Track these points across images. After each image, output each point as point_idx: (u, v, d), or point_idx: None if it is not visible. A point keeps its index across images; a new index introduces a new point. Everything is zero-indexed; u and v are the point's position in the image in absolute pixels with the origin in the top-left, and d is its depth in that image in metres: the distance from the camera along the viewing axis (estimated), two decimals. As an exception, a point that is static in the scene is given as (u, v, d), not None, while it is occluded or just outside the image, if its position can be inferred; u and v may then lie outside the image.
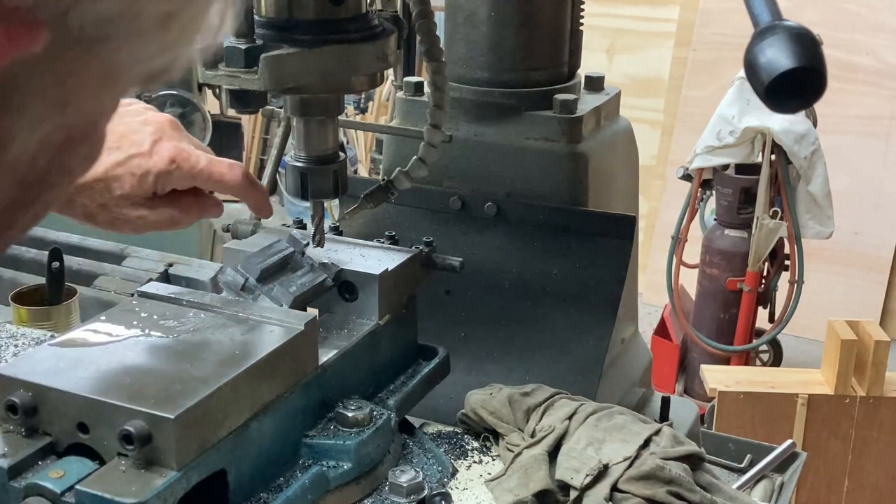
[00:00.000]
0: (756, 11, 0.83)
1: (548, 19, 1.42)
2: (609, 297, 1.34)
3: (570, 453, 1.12)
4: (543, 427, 1.18)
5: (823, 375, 2.38)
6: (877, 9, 4.10)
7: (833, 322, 2.36)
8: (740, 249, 3.22)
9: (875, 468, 2.37)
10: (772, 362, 3.53)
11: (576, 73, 1.49)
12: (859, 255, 4.04)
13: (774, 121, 3.04)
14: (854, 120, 4.05)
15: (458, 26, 1.42)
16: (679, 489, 1.06)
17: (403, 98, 1.46)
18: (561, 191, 1.38)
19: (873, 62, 4.09)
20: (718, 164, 3.20)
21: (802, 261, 3.22)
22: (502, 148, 1.39)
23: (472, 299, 1.40)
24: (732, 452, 1.28)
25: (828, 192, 3.16)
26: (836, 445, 2.34)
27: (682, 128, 4.32)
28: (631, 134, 1.56)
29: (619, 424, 1.15)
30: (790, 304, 3.28)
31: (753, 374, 2.63)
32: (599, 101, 1.46)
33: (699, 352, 3.35)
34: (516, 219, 1.39)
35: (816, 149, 3.10)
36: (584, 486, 1.08)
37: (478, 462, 1.20)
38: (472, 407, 1.24)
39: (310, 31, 1.02)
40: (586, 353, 1.34)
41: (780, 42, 0.79)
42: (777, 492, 1.23)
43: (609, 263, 1.34)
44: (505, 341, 1.38)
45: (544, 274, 1.37)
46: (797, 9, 3.91)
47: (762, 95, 0.80)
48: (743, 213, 3.22)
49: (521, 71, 1.41)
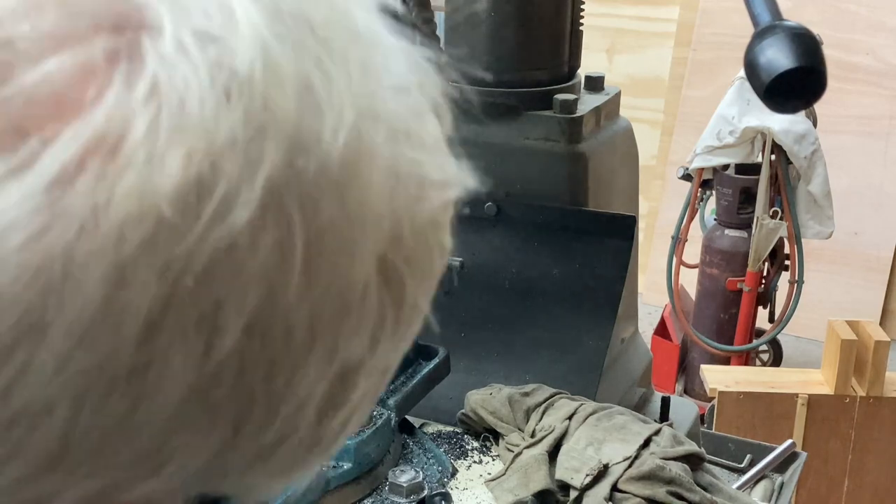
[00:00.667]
0: (756, 11, 0.83)
1: (548, 19, 1.42)
2: (609, 297, 1.34)
3: (570, 453, 1.12)
4: (543, 427, 1.17)
5: (823, 375, 2.38)
6: (877, 8, 4.10)
7: (833, 322, 2.36)
8: (740, 249, 3.22)
9: (875, 468, 2.37)
10: (772, 362, 3.53)
11: (576, 72, 1.49)
12: (859, 256, 4.04)
13: (774, 121, 3.03)
14: (854, 120, 4.05)
15: (458, 26, 1.42)
16: (679, 489, 1.06)
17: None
18: (561, 191, 1.38)
19: (873, 62, 4.08)
20: (718, 164, 3.19)
21: (802, 261, 3.22)
22: (502, 148, 1.39)
23: (472, 299, 1.40)
24: (732, 452, 1.28)
25: (828, 192, 3.16)
26: (836, 445, 2.34)
27: (682, 128, 4.32)
28: (631, 134, 1.56)
29: (619, 424, 1.15)
30: (790, 304, 3.28)
31: (753, 374, 2.62)
32: (599, 101, 1.46)
33: (699, 352, 3.34)
34: (516, 219, 1.38)
35: (816, 149, 3.09)
36: (584, 486, 1.07)
37: (478, 462, 1.20)
38: (472, 407, 1.24)
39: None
40: (586, 353, 1.34)
41: (781, 42, 0.79)
42: (777, 492, 1.23)
43: (609, 263, 1.34)
44: (505, 341, 1.38)
45: (544, 274, 1.37)
46: (796, 8, 3.91)
47: (762, 95, 0.80)
48: (743, 213, 3.22)
49: (521, 71, 1.41)
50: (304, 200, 0.31)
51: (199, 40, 0.30)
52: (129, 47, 0.29)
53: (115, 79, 0.29)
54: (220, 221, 0.29)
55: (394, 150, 0.33)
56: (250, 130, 0.30)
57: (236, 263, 0.30)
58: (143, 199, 0.28)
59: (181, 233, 0.29)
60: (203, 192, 0.29)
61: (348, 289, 0.33)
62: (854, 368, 2.30)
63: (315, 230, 0.31)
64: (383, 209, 0.33)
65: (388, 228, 0.33)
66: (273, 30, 0.31)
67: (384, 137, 0.33)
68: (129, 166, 0.28)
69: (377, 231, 0.33)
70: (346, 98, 0.32)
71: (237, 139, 0.29)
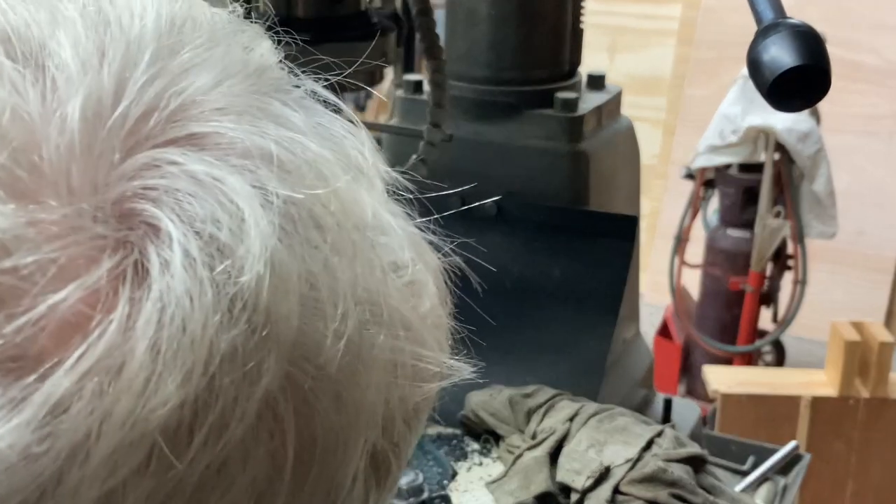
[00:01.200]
0: (759, 9, 0.82)
1: (548, 17, 1.41)
2: (610, 298, 1.33)
3: (571, 455, 1.11)
4: (544, 429, 1.17)
5: (827, 376, 2.37)
6: (880, 7, 4.09)
7: (837, 323, 2.34)
8: (743, 249, 3.21)
9: (879, 470, 2.36)
10: (775, 363, 3.51)
11: (577, 71, 1.48)
12: (863, 256, 4.03)
13: (778, 120, 3.02)
14: (857, 119, 4.04)
15: (458, 24, 1.41)
16: (681, 491, 1.05)
17: (403, 97, 1.45)
18: (562, 190, 1.37)
19: (877, 60, 4.07)
20: (721, 164, 3.18)
21: (806, 261, 3.21)
22: (502, 147, 1.38)
23: (472, 300, 1.39)
24: (735, 454, 1.27)
25: (831, 192, 3.15)
26: (840, 447, 2.33)
27: (685, 127, 4.31)
28: (632, 133, 1.55)
29: (620, 426, 1.15)
30: (793, 305, 3.26)
31: (756, 374, 2.61)
32: (601, 99, 1.45)
33: (702, 352, 3.33)
34: (516, 218, 1.38)
35: (820, 148, 3.08)
36: (585, 489, 1.07)
37: (478, 464, 1.19)
38: (473, 408, 1.23)
39: (308, 29, 1.01)
40: (588, 354, 1.33)
41: (784, 40, 0.78)
42: (780, 494, 1.21)
43: (610, 264, 1.33)
44: (506, 342, 1.37)
45: (545, 274, 1.36)
46: (800, 6, 3.90)
47: (765, 94, 0.79)
48: (746, 213, 3.21)
49: (521, 69, 1.40)
50: (300, 408, 0.30)
51: (207, 251, 0.29)
52: (135, 263, 0.28)
53: (120, 302, 0.28)
54: (215, 442, 0.28)
55: (394, 346, 0.33)
56: (251, 344, 0.29)
57: (227, 479, 0.29)
58: (136, 426, 0.27)
59: (176, 454, 0.28)
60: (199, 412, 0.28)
61: (337, 486, 0.32)
62: (858, 370, 2.29)
63: (308, 436, 0.31)
64: (378, 403, 0.33)
65: (381, 420, 0.33)
66: (282, 235, 0.30)
67: (385, 334, 0.32)
68: (126, 391, 0.27)
69: (370, 425, 0.33)
70: (350, 299, 0.31)
71: (237, 354, 0.28)
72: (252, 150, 0.31)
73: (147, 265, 0.28)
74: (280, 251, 0.30)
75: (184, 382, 0.28)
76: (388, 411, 0.33)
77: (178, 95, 0.31)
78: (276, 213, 0.30)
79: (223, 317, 0.28)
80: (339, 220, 0.32)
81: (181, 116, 0.31)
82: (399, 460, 0.36)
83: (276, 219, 0.30)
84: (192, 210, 0.29)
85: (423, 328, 0.35)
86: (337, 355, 0.30)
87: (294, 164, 0.31)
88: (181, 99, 0.31)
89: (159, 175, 0.29)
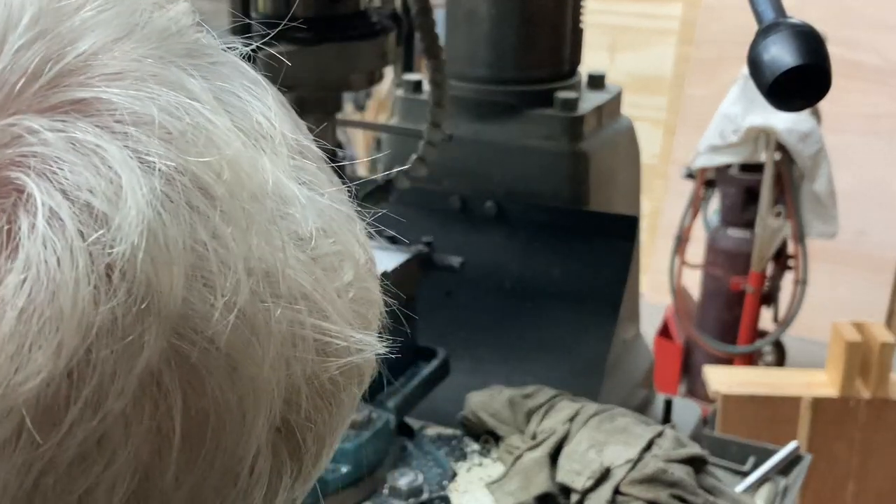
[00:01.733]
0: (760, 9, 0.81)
1: (548, 16, 1.41)
2: (611, 298, 1.33)
3: (571, 456, 1.11)
4: (544, 429, 1.16)
5: (828, 377, 2.36)
6: (880, 7, 4.08)
7: (838, 324, 2.34)
8: (744, 249, 3.21)
9: (881, 471, 2.36)
10: (775, 363, 3.51)
11: (577, 70, 1.47)
12: (864, 256, 4.02)
13: (778, 119, 3.02)
14: (858, 118, 4.03)
15: (458, 23, 1.41)
16: (682, 492, 1.05)
17: (403, 96, 1.45)
18: (562, 190, 1.37)
19: (877, 60, 4.07)
20: (722, 163, 3.18)
21: (807, 261, 3.21)
22: (503, 146, 1.38)
23: (473, 300, 1.39)
24: (736, 455, 1.26)
25: (832, 191, 3.14)
26: (840, 448, 2.33)
27: (685, 126, 4.31)
28: (633, 133, 1.55)
29: (621, 426, 1.14)
30: (794, 305, 3.26)
31: (757, 375, 2.61)
32: (601, 99, 1.45)
33: (702, 353, 3.33)
34: (517, 218, 1.37)
35: (821, 147, 3.08)
36: (585, 489, 1.06)
37: (478, 465, 1.19)
38: (473, 409, 1.23)
39: (308, 28, 1.01)
40: (588, 355, 1.33)
41: (785, 39, 0.77)
42: (781, 495, 1.21)
43: (611, 264, 1.33)
44: (506, 342, 1.37)
45: (545, 274, 1.36)
46: (801, 6, 3.89)
47: (766, 93, 0.79)
48: (746, 213, 3.21)
49: (521, 68, 1.40)
50: (186, 382, 0.29)
51: (80, 217, 0.28)
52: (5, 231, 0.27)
53: None
54: (92, 415, 0.27)
55: (293, 319, 0.32)
56: (131, 316, 0.28)
57: (107, 453, 0.28)
58: (5, 399, 0.26)
59: (45, 432, 0.27)
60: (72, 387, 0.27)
61: (236, 461, 0.31)
62: (859, 370, 2.29)
63: (199, 409, 0.30)
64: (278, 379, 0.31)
65: (284, 395, 0.32)
66: (165, 203, 0.29)
67: (283, 307, 0.31)
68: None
69: (270, 401, 0.32)
70: (243, 270, 0.30)
71: (116, 326, 0.28)
72: (137, 116, 0.30)
73: (17, 232, 0.27)
74: (161, 219, 0.28)
75: (55, 356, 0.27)
76: (291, 385, 0.32)
77: (60, 60, 0.30)
78: (158, 181, 0.29)
79: (99, 287, 0.27)
80: (232, 189, 0.30)
81: (68, 82, 0.30)
82: (318, 437, 0.35)
83: (159, 186, 0.29)
84: (65, 176, 0.28)
85: (329, 302, 0.33)
86: (227, 328, 0.29)
87: (180, 131, 0.30)
88: (64, 63, 0.30)
89: (36, 143, 0.28)
